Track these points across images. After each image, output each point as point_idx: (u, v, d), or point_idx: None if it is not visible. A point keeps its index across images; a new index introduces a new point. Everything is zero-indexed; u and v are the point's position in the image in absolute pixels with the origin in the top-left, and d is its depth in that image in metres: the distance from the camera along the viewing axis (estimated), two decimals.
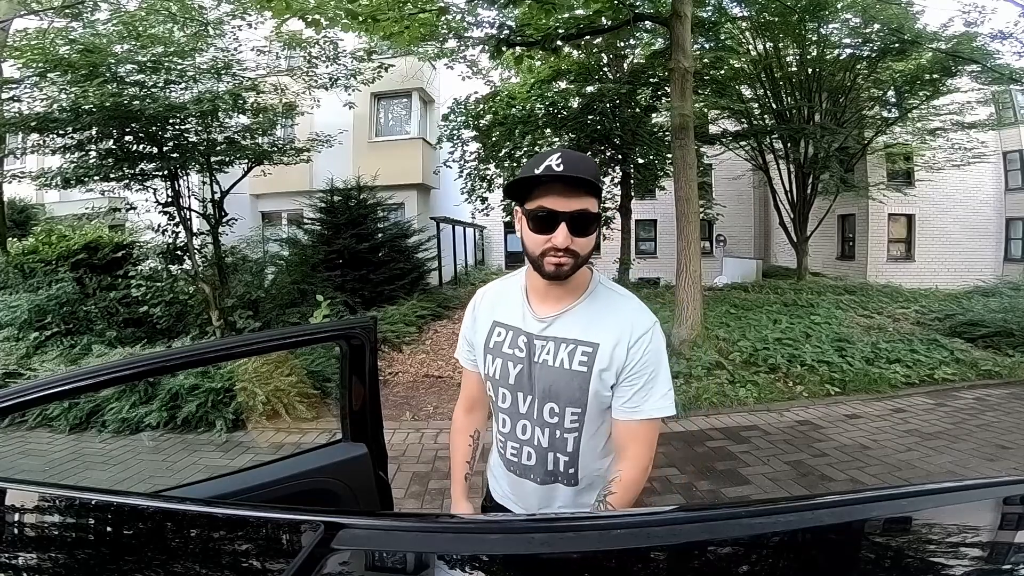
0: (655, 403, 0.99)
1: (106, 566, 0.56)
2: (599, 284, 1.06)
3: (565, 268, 0.95)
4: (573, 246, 0.94)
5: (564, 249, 0.93)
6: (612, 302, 1.04)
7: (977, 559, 0.52)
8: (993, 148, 13.12)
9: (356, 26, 5.96)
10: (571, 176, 0.90)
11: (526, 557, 0.51)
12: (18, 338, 5.63)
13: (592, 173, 0.93)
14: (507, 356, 1.07)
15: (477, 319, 1.16)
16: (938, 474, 3.33)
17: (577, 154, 0.95)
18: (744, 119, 11.05)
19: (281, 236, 9.51)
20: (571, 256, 0.95)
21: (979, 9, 8.62)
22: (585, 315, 1.02)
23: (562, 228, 0.92)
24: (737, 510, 0.58)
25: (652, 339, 1.00)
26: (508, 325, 1.09)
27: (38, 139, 6.25)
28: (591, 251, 0.99)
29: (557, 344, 1.02)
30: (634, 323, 1.00)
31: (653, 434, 1.02)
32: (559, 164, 0.91)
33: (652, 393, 0.99)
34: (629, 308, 1.03)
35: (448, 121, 10.76)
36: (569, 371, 1.00)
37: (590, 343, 1.00)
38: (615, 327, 1.00)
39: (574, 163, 0.91)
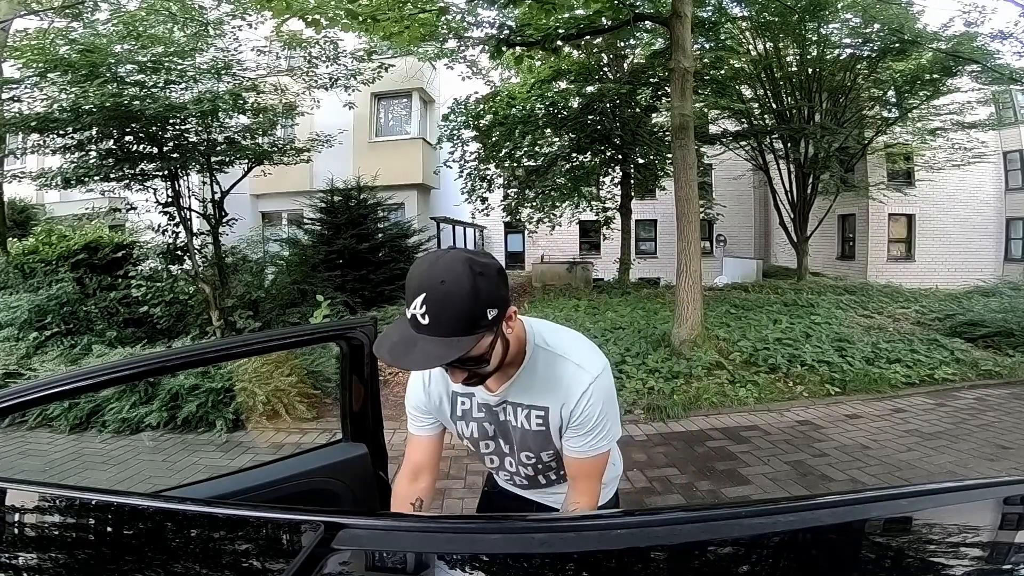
0: (599, 443, 1.04)
1: (106, 566, 0.56)
2: (536, 347, 1.04)
3: (473, 383, 0.97)
4: (472, 375, 0.93)
5: (465, 379, 0.93)
6: (551, 365, 1.03)
7: (977, 559, 0.52)
8: (993, 148, 13.12)
9: (356, 26, 5.96)
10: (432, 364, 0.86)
11: (526, 557, 0.51)
12: (18, 338, 5.63)
13: (466, 319, 0.82)
14: (479, 419, 1.11)
15: (431, 395, 1.13)
16: (938, 474, 3.33)
17: (445, 293, 0.81)
18: (744, 119, 11.05)
19: (281, 236, 9.53)
20: (479, 378, 0.95)
21: (979, 9, 8.63)
22: (528, 380, 1.04)
23: (454, 373, 0.93)
24: (737, 510, 0.58)
25: (591, 398, 1.01)
26: (466, 393, 1.10)
27: (38, 139, 6.25)
28: (501, 360, 0.94)
29: (515, 408, 1.07)
30: (570, 387, 1.01)
31: (600, 466, 1.08)
32: (424, 316, 0.81)
33: (596, 436, 1.03)
34: (567, 369, 1.03)
35: (448, 121, 10.76)
36: (532, 431, 1.07)
37: (540, 407, 1.04)
38: (556, 391, 1.03)
39: (441, 314, 0.81)
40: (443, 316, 0.81)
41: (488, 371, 0.94)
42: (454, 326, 0.82)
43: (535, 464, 1.13)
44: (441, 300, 0.81)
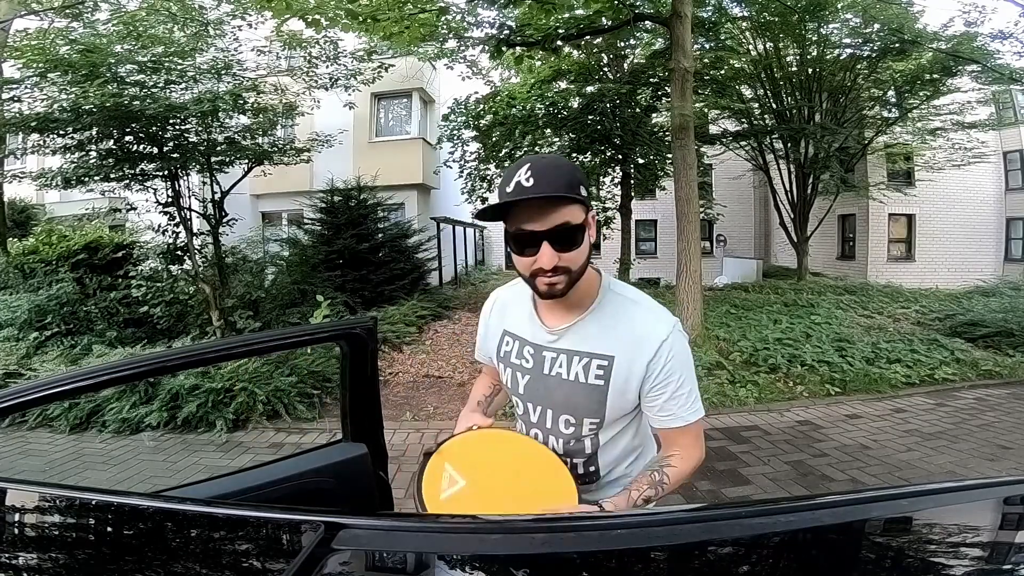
0: (688, 408, 0.96)
1: (106, 566, 0.56)
2: (609, 290, 1.00)
3: (559, 287, 0.91)
4: (562, 263, 0.88)
5: (552, 269, 0.88)
6: (625, 310, 0.98)
7: (978, 559, 0.52)
8: (993, 148, 13.13)
9: (356, 26, 5.96)
10: (538, 197, 0.84)
11: (526, 557, 0.51)
12: (18, 338, 5.64)
13: (566, 181, 0.86)
14: (515, 367, 1.05)
15: (489, 327, 1.14)
16: (938, 474, 3.33)
17: (548, 161, 0.88)
18: (744, 119, 11.05)
19: (281, 236, 9.52)
20: (562, 273, 0.90)
21: (979, 9, 8.63)
22: (597, 326, 0.97)
23: (545, 248, 0.87)
24: (737, 510, 0.58)
25: (672, 346, 0.94)
26: (516, 335, 1.06)
27: (38, 139, 6.25)
28: (586, 261, 0.93)
29: (570, 357, 0.98)
30: (650, 333, 0.94)
31: (696, 434, 1.00)
32: (529, 179, 0.84)
33: (682, 399, 0.95)
34: (643, 316, 0.97)
35: (448, 121, 10.76)
36: (585, 385, 0.96)
37: (605, 356, 0.95)
38: (630, 338, 0.94)
39: (544, 175, 0.84)
40: (548, 175, 0.85)
41: (578, 263, 0.90)
42: (558, 184, 0.85)
43: (572, 437, 1.01)
44: (545, 164, 0.87)
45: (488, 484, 0.96)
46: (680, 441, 0.99)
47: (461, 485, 0.94)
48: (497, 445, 1.04)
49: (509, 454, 1.02)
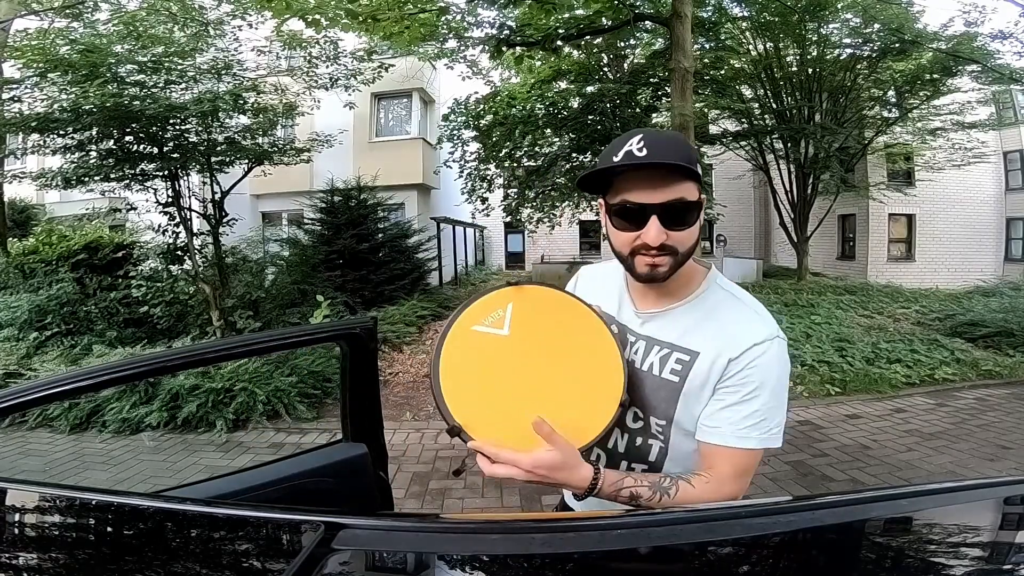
0: (742, 429, 0.80)
1: (106, 566, 0.56)
2: (714, 283, 0.89)
3: (662, 269, 0.81)
4: (670, 241, 0.79)
5: (659, 247, 0.79)
6: (726, 306, 0.87)
7: (978, 559, 0.52)
8: (993, 148, 13.13)
9: (356, 26, 5.97)
10: (656, 163, 0.76)
11: (526, 557, 0.51)
12: (18, 338, 5.64)
13: (685, 155, 0.77)
14: None
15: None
16: (939, 474, 3.33)
17: (664, 134, 0.80)
18: (744, 119, 11.05)
19: (281, 236, 9.52)
20: (668, 254, 0.80)
21: (979, 9, 8.64)
22: (690, 318, 0.87)
23: (653, 222, 0.78)
24: (737, 510, 0.58)
25: (764, 353, 0.81)
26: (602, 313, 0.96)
27: (38, 139, 6.25)
28: (694, 246, 0.83)
29: (650, 345, 0.89)
30: (746, 332, 0.82)
31: (738, 468, 0.81)
32: (641, 149, 0.76)
33: (741, 415, 0.80)
34: (745, 314, 0.85)
35: (448, 121, 10.77)
36: (658, 378, 0.86)
37: (688, 351, 0.85)
38: (722, 335, 0.83)
39: (659, 146, 0.76)
40: (664, 146, 0.76)
41: (686, 245, 0.81)
42: (676, 156, 0.76)
43: (639, 435, 0.90)
44: (661, 136, 0.79)
45: (524, 357, 0.82)
46: (717, 465, 0.82)
47: (501, 333, 0.83)
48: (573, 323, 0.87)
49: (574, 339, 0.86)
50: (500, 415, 0.79)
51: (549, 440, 0.75)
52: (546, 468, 0.74)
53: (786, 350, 0.84)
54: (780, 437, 0.83)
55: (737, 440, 0.80)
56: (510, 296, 0.86)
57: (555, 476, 0.76)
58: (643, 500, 0.81)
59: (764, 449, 0.82)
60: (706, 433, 0.83)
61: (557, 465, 0.75)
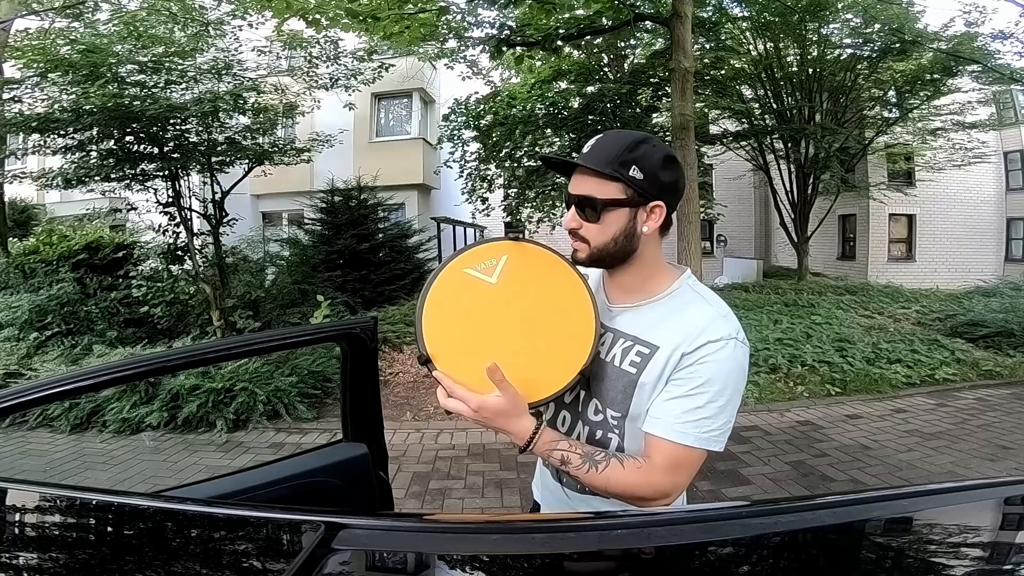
0: (684, 424, 0.80)
1: (106, 566, 0.56)
2: (685, 284, 0.92)
3: (580, 254, 0.90)
4: (581, 231, 0.88)
5: (570, 231, 0.90)
6: (693, 306, 0.88)
7: (978, 559, 0.52)
8: (994, 148, 13.12)
9: (356, 26, 5.97)
10: (565, 162, 0.88)
11: (526, 557, 0.51)
12: (19, 338, 5.64)
13: (613, 155, 0.84)
14: None
15: None
16: (939, 474, 3.33)
17: (612, 135, 0.88)
18: (744, 119, 11.03)
19: (282, 236, 9.53)
20: (582, 241, 0.89)
21: (980, 9, 8.63)
22: (656, 314, 0.90)
23: (571, 211, 0.89)
24: (738, 510, 0.58)
25: (719, 350, 0.81)
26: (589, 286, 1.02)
27: (39, 139, 6.25)
28: (615, 244, 0.87)
29: (616, 337, 0.91)
30: (704, 328, 0.83)
31: (672, 462, 0.81)
32: (588, 147, 0.87)
33: (684, 408, 0.81)
34: (708, 313, 0.86)
35: (448, 121, 10.77)
36: (617, 369, 0.88)
37: (649, 344, 0.87)
38: (678, 331, 0.84)
39: (599, 146, 0.86)
40: (598, 148, 0.86)
41: (596, 239, 0.87)
42: (599, 158, 0.85)
43: (598, 427, 0.92)
44: (607, 139, 0.87)
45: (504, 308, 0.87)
46: (653, 455, 0.83)
47: (489, 280, 0.89)
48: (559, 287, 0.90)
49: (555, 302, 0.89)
50: (468, 355, 0.85)
51: (499, 387, 0.81)
52: (491, 412, 0.81)
53: (746, 355, 0.85)
54: (722, 441, 0.83)
55: (675, 434, 0.81)
56: (507, 249, 0.91)
57: (497, 422, 0.82)
58: (571, 467, 0.83)
59: (703, 450, 0.82)
60: (649, 423, 0.84)
61: (501, 411, 0.81)
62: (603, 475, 0.81)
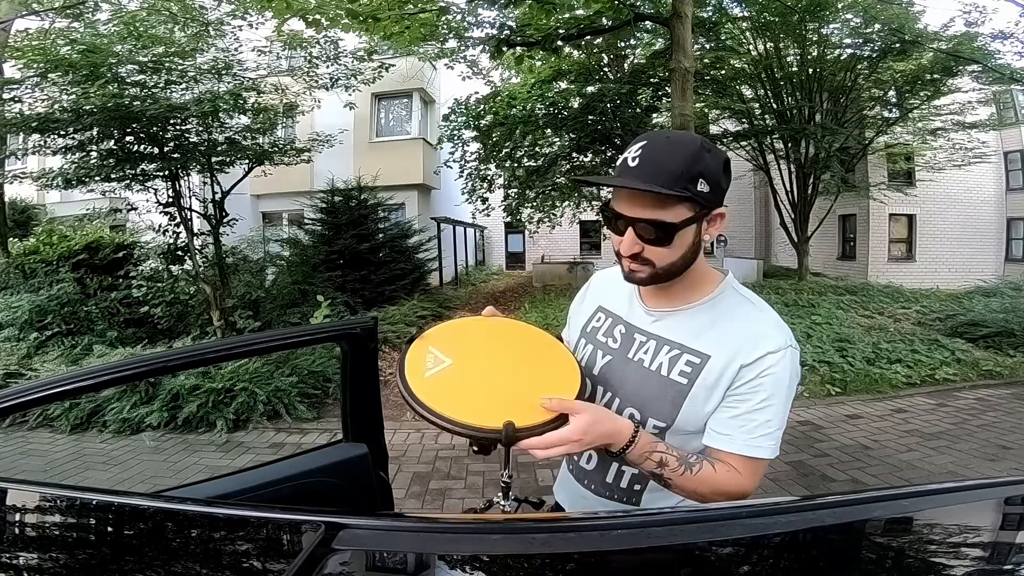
0: (753, 438, 0.80)
1: (106, 566, 0.56)
2: (729, 287, 0.89)
3: (639, 275, 0.83)
4: (645, 254, 0.81)
5: (631, 256, 0.82)
6: (740, 310, 0.86)
7: (978, 559, 0.52)
8: (994, 148, 13.13)
9: (356, 26, 5.97)
10: (627, 187, 0.77)
11: (526, 557, 0.51)
12: (19, 338, 5.64)
13: (676, 171, 0.76)
14: (599, 344, 0.96)
15: (585, 299, 1.07)
16: (939, 474, 3.33)
17: (668, 142, 0.78)
18: (745, 119, 11.05)
19: (282, 236, 9.53)
20: (646, 265, 0.82)
21: (980, 9, 8.63)
22: (703, 319, 0.86)
23: (629, 233, 0.80)
24: (738, 510, 0.58)
25: (779, 362, 0.80)
26: (610, 312, 0.98)
27: (39, 140, 6.25)
28: (681, 261, 0.82)
29: (659, 344, 0.87)
30: (761, 337, 0.81)
31: (749, 470, 0.81)
32: (635, 159, 0.77)
33: (752, 424, 0.80)
34: (760, 320, 0.84)
35: (449, 121, 10.78)
36: (665, 379, 0.85)
37: (700, 353, 0.83)
38: (735, 339, 0.82)
39: (653, 158, 0.77)
40: (655, 161, 0.76)
41: (665, 260, 0.81)
42: (659, 174, 0.76)
43: None
44: (658, 149, 0.78)
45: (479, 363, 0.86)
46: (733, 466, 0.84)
47: (446, 364, 0.84)
48: (495, 330, 0.94)
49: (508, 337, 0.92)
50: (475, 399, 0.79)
51: (567, 408, 0.76)
52: (584, 427, 0.75)
53: (798, 360, 0.83)
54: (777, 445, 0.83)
55: (750, 450, 0.80)
56: (422, 346, 0.87)
57: (599, 428, 0.76)
58: (668, 469, 0.80)
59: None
60: (717, 440, 0.82)
61: (592, 420, 0.76)
62: (696, 477, 0.80)
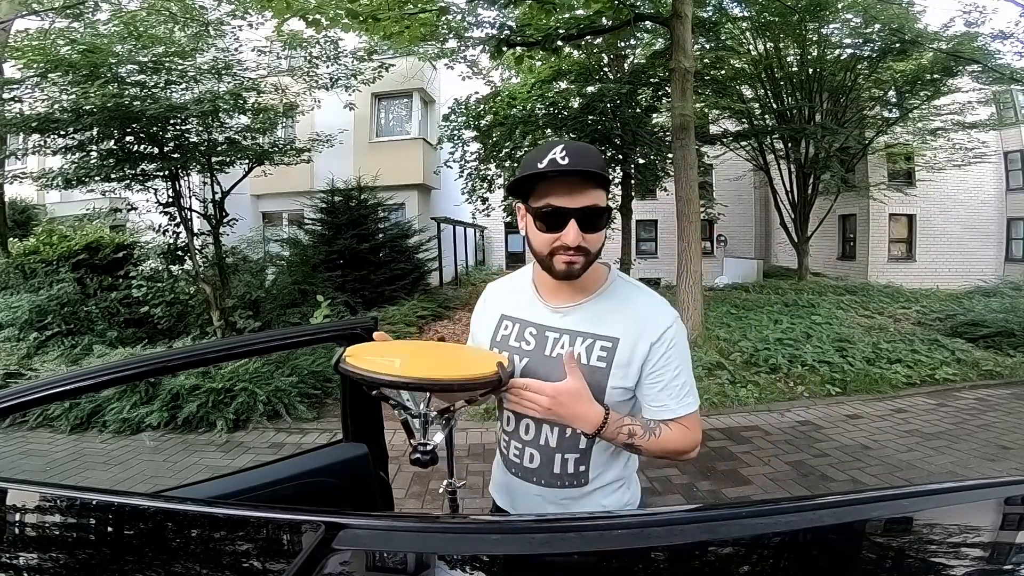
0: (681, 400, 0.96)
1: (106, 566, 0.56)
2: (618, 277, 1.02)
3: (577, 267, 0.92)
4: (584, 243, 0.90)
5: (575, 247, 0.90)
6: (631, 295, 1.00)
7: (978, 559, 0.52)
8: (994, 148, 13.12)
9: (356, 26, 5.97)
10: (578, 170, 0.87)
11: (526, 557, 0.51)
12: (19, 338, 5.64)
13: (598, 164, 0.89)
14: (513, 349, 1.02)
15: (486, 311, 1.12)
16: (939, 474, 3.32)
17: (581, 145, 0.91)
18: (745, 119, 11.05)
19: (282, 236, 9.53)
20: (582, 254, 0.92)
21: (980, 9, 8.63)
22: (603, 307, 0.98)
23: (572, 226, 0.89)
24: (738, 510, 0.58)
25: (676, 335, 0.96)
26: (516, 318, 1.04)
27: (39, 140, 6.25)
28: (602, 247, 0.95)
29: (573, 337, 0.97)
30: (658, 316, 0.96)
31: (691, 427, 0.97)
32: (564, 157, 0.86)
33: (675, 390, 0.95)
34: (649, 302, 0.99)
35: (449, 121, 10.77)
36: (587, 367, 0.94)
37: (609, 337, 0.95)
38: (635, 321, 0.95)
39: (579, 155, 0.87)
40: (581, 154, 0.88)
41: (596, 246, 0.93)
42: (592, 165, 0.88)
43: (564, 428, 0.98)
44: (580, 146, 0.90)
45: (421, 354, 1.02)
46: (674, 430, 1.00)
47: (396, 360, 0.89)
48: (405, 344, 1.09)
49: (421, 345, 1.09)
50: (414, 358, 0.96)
51: (571, 372, 0.90)
52: (568, 396, 0.89)
53: (682, 322, 1.00)
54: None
55: (684, 409, 0.96)
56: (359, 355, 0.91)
57: (574, 407, 0.90)
58: (637, 438, 0.93)
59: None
60: (657, 412, 0.96)
61: (576, 393, 0.89)
62: (660, 440, 0.94)
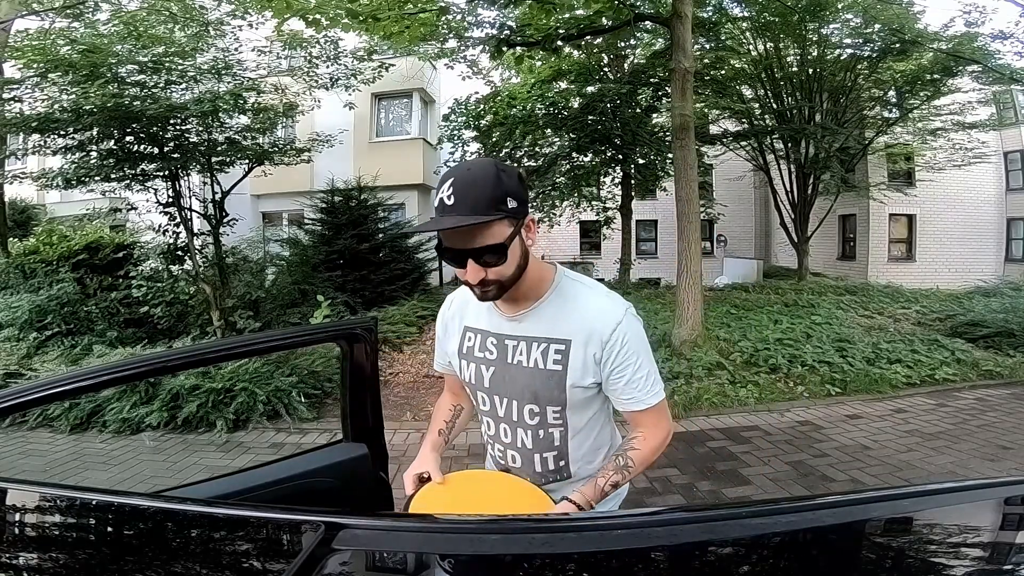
0: (648, 390, 0.99)
1: (106, 566, 0.56)
2: (564, 278, 1.02)
3: (491, 293, 0.92)
4: (489, 276, 0.89)
5: (480, 282, 0.90)
6: (579, 295, 1.00)
7: (978, 560, 0.52)
8: (994, 148, 13.12)
9: (356, 26, 5.97)
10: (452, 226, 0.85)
11: (526, 557, 0.51)
12: (19, 338, 5.64)
13: (488, 197, 0.85)
14: (479, 360, 1.05)
15: (448, 327, 1.15)
16: (939, 474, 3.33)
17: (471, 176, 0.87)
18: (745, 119, 11.04)
19: (282, 236, 9.52)
20: (491, 285, 0.91)
21: (980, 9, 8.62)
22: (553, 310, 0.99)
23: (470, 265, 0.88)
24: (738, 510, 0.58)
25: (627, 330, 0.96)
26: (477, 329, 1.07)
27: (39, 140, 6.25)
28: (519, 268, 0.93)
29: (529, 343, 1.00)
30: (605, 316, 0.96)
31: (658, 414, 1.01)
32: (450, 197, 0.85)
33: (640, 382, 0.98)
34: (597, 299, 0.99)
35: (449, 121, 10.78)
36: (544, 370, 0.98)
37: (562, 340, 0.97)
38: (583, 321, 0.97)
39: (465, 192, 0.84)
40: (468, 195, 0.85)
41: (506, 274, 0.91)
42: (475, 205, 0.85)
43: (539, 427, 1.03)
44: (467, 183, 0.86)
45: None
46: (644, 421, 1.02)
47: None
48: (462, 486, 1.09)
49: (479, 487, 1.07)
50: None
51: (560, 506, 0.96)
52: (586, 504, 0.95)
53: (636, 314, 1.01)
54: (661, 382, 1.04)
55: (652, 399, 1.00)
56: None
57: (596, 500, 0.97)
58: (622, 481, 0.99)
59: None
60: (626, 404, 1.00)
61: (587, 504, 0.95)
62: (638, 463, 1.00)
